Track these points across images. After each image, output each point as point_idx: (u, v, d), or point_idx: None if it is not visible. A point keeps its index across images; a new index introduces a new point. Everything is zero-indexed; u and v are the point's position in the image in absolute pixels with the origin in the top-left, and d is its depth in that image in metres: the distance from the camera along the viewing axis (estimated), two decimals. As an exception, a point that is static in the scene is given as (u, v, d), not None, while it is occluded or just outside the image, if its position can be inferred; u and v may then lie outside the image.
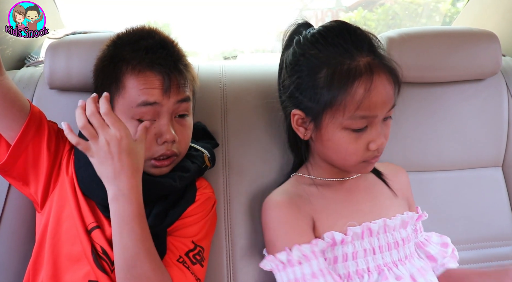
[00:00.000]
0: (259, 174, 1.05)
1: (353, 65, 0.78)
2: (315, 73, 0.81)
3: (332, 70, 0.79)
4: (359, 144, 0.81)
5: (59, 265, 0.83)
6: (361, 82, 0.77)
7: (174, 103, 0.85)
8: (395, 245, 0.88)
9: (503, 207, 1.14)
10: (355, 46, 0.80)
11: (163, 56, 0.85)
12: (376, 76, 0.78)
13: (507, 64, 1.22)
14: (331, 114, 0.80)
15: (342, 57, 0.79)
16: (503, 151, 1.16)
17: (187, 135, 0.90)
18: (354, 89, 0.77)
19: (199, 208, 0.91)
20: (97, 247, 0.82)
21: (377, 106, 0.79)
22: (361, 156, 0.82)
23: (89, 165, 0.84)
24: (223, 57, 1.78)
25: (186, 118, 0.89)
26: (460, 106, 1.15)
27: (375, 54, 0.81)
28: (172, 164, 0.89)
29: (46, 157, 0.87)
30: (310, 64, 0.82)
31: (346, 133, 0.81)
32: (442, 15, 2.41)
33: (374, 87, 0.78)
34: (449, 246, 0.97)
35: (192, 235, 0.88)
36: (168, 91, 0.84)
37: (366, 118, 0.79)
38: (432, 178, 1.13)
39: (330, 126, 0.82)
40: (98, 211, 0.86)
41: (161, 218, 0.85)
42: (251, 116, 1.08)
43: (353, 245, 0.85)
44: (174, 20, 2.47)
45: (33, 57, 1.26)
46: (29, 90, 1.08)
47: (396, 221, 0.88)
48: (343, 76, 0.78)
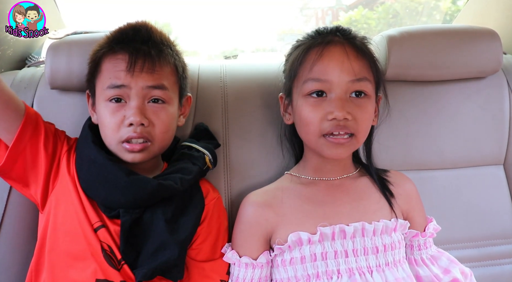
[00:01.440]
0: (260, 173, 1.05)
1: (316, 40, 0.87)
2: (289, 54, 0.93)
3: (298, 46, 0.90)
4: (317, 112, 0.84)
5: (62, 264, 0.83)
6: (315, 49, 0.86)
7: (143, 87, 0.85)
8: (373, 250, 0.86)
9: (504, 205, 1.14)
10: (326, 29, 0.90)
11: (136, 40, 0.87)
12: (332, 45, 0.85)
13: (508, 62, 1.22)
14: (295, 85, 0.88)
15: (314, 38, 0.89)
16: (505, 149, 1.15)
17: (162, 122, 0.87)
18: (307, 55, 0.86)
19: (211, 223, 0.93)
20: (104, 246, 0.82)
21: (329, 71, 0.84)
22: (318, 125, 0.84)
23: (92, 164, 0.85)
24: (223, 56, 1.79)
25: (162, 105, 0.87)
26: (461, 105, 1.15)
27: (345, 36, 0.87)
28: (146, 152, 0.87)
29: (43, 157, 0.87)
30: (292, 51, 0.93)
31: (305, 100, 0.86)
32: (443, 14, 2.41)
33: (326, 52, 0.85)
34: (450, 274, 0.91)
35: (220, 249, 0.92)
36: (131, 72, 0.84)
37: (320, 82, 0.84)
38: (433, 176, 1.13)
39: (296, 97, 0.88)
40: (100, 211, 0.86)
41: (172, 226, 0.85)
42: (252, 115, 1.08)
43: (322, 245, 0.85)
44: (174, 20, 2.48)
45: (34, 58, 1.26)
46: (30, 91, 1.08)
47: (377, 226, 0.87)
48: (303, 46, 0.89)
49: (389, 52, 1.06)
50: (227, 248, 0.91)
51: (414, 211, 0.95)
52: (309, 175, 0.94)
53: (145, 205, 0.85)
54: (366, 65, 0.86)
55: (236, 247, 0.90)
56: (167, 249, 0.82)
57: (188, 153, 0.95)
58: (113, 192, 0.84)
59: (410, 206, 0.95)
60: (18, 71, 1.15)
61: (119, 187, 0.83)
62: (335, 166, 0.93)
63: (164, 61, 0.88)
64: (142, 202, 0.85)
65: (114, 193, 0.84)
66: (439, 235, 1.01)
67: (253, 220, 0.89)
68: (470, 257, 1.09)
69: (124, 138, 0.85)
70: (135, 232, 0.84)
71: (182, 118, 0.96)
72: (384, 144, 1.02)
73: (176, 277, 0.84)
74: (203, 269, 0.89)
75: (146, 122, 0.85)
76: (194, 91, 1.10)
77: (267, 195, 0.92)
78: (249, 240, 0.89)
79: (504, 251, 1.12)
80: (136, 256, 0.83)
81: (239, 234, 0.91)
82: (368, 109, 0.86)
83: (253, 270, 0.88)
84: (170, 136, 0.91)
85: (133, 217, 0.83)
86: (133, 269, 0.82)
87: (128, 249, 0.82)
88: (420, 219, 0.96)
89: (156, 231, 0.84)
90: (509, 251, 1.12)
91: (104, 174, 0.85)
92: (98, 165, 0.85)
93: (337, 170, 0.93)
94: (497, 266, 1.11)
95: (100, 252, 0.82)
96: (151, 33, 0.89)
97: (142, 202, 0.85)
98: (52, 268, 0.83)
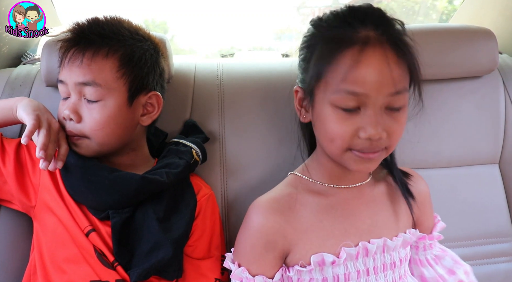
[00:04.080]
0: (257, 171, 1.05)
1: (348, 35, 0.71)
2: (314, 44, 0.76)
3: (326, 40, 0.73)
4: (347, 126, 0.72)
5: (55, 268, 0.82)
6: (349, 52, 0.70)
7: (75, 84, 0.83)
8: (391, 265, 0.82)
9: (500, 204, 1.14)
10: (358, 19, 0.72)
11: (83, 33, 0.85)
12: (370, 48, 0.70)
13: (504, 62, 1.23)
14: (321, 87, 0.73)
15: (344, 29, 0.72)
16: (500, 148, 1.16)
17: (93, 119, 0.83)
18: (340, 58, 0.70)
19: (205, 219, 0.92)
20: (97, 249, 0.82)
21: (367, 82, 0.69)
22: (347, 141, 0.72)
23: (75, 169, 0.84)
24: (220, 55, 1.79)
25: (95, 103, 0.84)
26: (457, 104, 1.15)
27: (383, 30, 0.72)
28: (84, 148, 0.85)
29: (10, 178, 0.87)
30: (313, 37, 0.77)
31: (335, 112, 0.72)
32: (439, 13, 2.42)
33: (365, 59, 0.69)
34: (455, 276, 0.89)
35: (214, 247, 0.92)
36: (64, 67, 0.84)
37: (355, 95, 0.70)
38: (429, 175, 1.12)
39: (321, 102, 0.74)
40: (90, 215, 0.85)
41: (165, 225, 0.85)
42: (249, 113, 1.08)
43: (345, 266, 0.78)
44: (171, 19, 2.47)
45: (30, 55, 1.26)
46: (26, 88, 1.07)
47: (397, 241, 0.81)
48: (333, 45, 0.72)
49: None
50: (230, 261, 0.81)
51: (425, 215, 0.90)
52: (323, 181, 0.83)
53: (133, 202, 0.85)
54: (406, 70, 0.73)
55: (246, 263, 0.79)
56: (161, 248, 0.81)
57: (175, 149, 0.95)
58: (99, 193, 0.83)
59: (423, 210, 0.89)
60: (14, 69, 1.15)
61: (104, 186, 0.83)
62: (355, 173, 0.83)
63: (100, 55, 0.83)
64: (129, 199, 0.84)
65: (100, 193, 0.83)
66: (435, 234, 1.01)
67: (269, 235, 0.78)
68: (465, 255, 1.09)
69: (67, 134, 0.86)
70: (127, 232, 0.83)
71: (146, 118, 0.90)
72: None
73: (173, 276, 0.84)
74: (198, 266, 0.88)
75: (75, 118, 0.83)
76: (190, 90, 1.10)
77: (279, 204, 0.80)
78: (264, 257, 0.78)
79: (499, 249, 1.13)
80: (130, 257, 0.82)
81: (249, 249, 0.79)
82: (403, 119, 0.75)
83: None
84: (109, 134, 0.85)
85: (123, 217, 0.83)
86: (127, 270, 0.81)
87: (122, 251, 0.82)
88: (428, 222, 0.92)
89: (149, 231, 0.83)
90: (503, 250, 1.13)
91: (87, 176, 0.84)
92: (80, 168, 0.85)
93: (356, 177, 0.84)
94: (492, 264, 1.12)
95: (94, 254, 0.81)
96: (105, 26, 0.86)
97: (129, 199, 0.84)
98: (46, 272, 0.83)
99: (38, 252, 0.85)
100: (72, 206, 0.85)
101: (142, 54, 0.88)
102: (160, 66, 0.93)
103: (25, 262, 0.90)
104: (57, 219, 0.85)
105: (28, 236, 0.94)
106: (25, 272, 0.88)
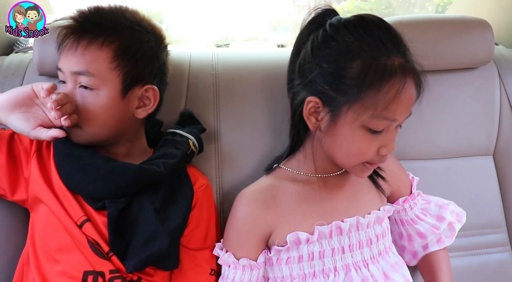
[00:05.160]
0: (252, 162, 1.05)
1: (389, 63, 0.74)
2: (346, 62, 0.75)
3: (367, 63, 0.74)
4: (372, 146, 0.78)
5: (48, 258, 0.82)
6: (395, 83, 0.74)
7: (70, 72, 0.83)
8: (367, 242, 0.87)
9: (493, 195, 1.15)
10: (393, 44, 0.76)
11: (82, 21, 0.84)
12: (408, 79, 0.75)
13: (500, 53, 1.22)
14: (354, 109, 0.75)
15: (379, 52, 0.74)
16: (494, 140, 1.16)
17: (85, 108, 0.82)
18: (387, 88, 0.73)
19: (201, 210, 0.92)
20: (90, 239, 0.82)
21: (402, 110, 0.76)
22: (369, 157, 0.79)
23: (69, 158, 0.84)
24: (215, 45, 1.77)
25: (89, 91, 0.83)
26: (452, 95, 1.15)
27: (406, 58, 0.77)
28: (76, 135, 0.85)
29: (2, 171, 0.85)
30: (342, 51, 0.76)
31: (362, 132, 0.77)
32: (435, 5, 2.42)
33: (405, 90, 0.74)
34: (445, 221, 0.97)
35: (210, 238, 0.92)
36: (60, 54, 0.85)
37: (388, 120, 0.76)
38: (423, 167, 1.13)
39: (349, 122, 0.76)
40: (86, 205, 0.84)
41: (162, 215, 0.84)
42: (244, 103, 1.08)
43: (320, 244, 0.84)
44: (166, 9, 2.45)
45: (22, 43, 1.24)
46: (18, 77, 1.06)
47: (370, 218, 0.87)
48: (378, 72, 0.73)
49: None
50: (219, 249, 0.89)
51: (399, 181, 0.97)
52: (307, 171, 0.89)
53: (130, 192, 0.84)
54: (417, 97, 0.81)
55: (232, 249, 0.86)
56: (158, 239, 0.81)
57: (172, 139, 0.94)
58: (95, 182, 0.83)
59: (396, 179, 0.96)
60: (6, 57, 1.13)
61: (100, 176, 0.82)
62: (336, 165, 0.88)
63: (95, 45, 0.82)
64: (126, 189, 0.83)
65: (96, 183, 0.82)
66: (428, 224, 1.02)
67: (251, 221, 0.85)
68: (459, 246, 1.10)
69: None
70: (124, 223, 0.83)
71: (141, 111, 0.89)
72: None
73: (169, 266, 0.84)
74: (194, 257, 0.88)
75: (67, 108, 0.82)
76: (185, 79, 1.09)
77: (263, 194, 0.87)
78: (247, 241, 0.86)
79: (492, 240, 1.14)
80: (126, 247, 0.82)
81: (235, 236, 0.87)
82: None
83: (251, 271, 0.86)
84: (99, 125, 0.84)
85: (119, 207, 0.82)
86: (122, 260, 0.81)
87: (117, 240, 0.81)
88: (405, 183, 0.99)
89: (146, 221, 0.83)
90: (496, 240, 1.14)
91: (83, 165, 0.83)
92: (75, 157, 0.84)
93: (336, 167, 0.89)
94: (484, 255, 1.13)
95: (87, 244, 0.81)
96: (104, 15, 0.85)
97: (125, 189, 0.83)
98: (38, 262, 0.82)
99: (31, 242, 0.85)
100: (66, 196, 0.84)
101: (140, 46, 0.86)
102: (159, 60, 0.91)
103: (19, 253, 0.89)
104: (49, 210, 0.84)
105: (23, 226, 0.93)
106: (18, 262, 0.87)
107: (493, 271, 1.12)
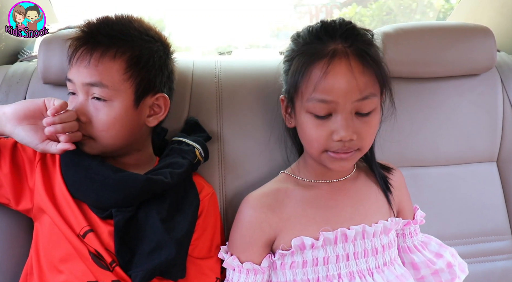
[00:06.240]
0: (255, 169, 1.05)
1: (320, 49, 0.80)
2: (291, 59, 0.85)
3: (300, 54, 0.82)
4: (322, 131, 0.81)
5: (51, 268, 0.82)
6: (320, 65, 0.79)
7: (83, 84, 0.83)
8: (373, 251, 0.87)
9: (497, 202, 1.15)
10: (328, 34, 0.81)
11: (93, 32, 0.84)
12: (336, 60, 0.78)
13: (502, 60, 1.23)
14: (298, 97, 0.83)
15: (315, 45, 0.81)
16: (498, 146, 1.16)
17: (99, 120, 0.83)
18: (312, 70, 0.79)
19: (207, 218, 0.92)
20: (91, 249, 0.81)
21: (335, 91, 0.78)
22: (323, 144, 0.81)
23: (78, 167, 0.83)
24: (217, 52, 1.78)
25: (102, 103, 0.83)
26: (455, 102, 1.15)
27: (351, 42, 0.80)
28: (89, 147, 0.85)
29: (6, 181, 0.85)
30: (291, 52, 0.86)
31: (309, 119, 0.82)
32: (436, 11, 2.42)
33: (332, 70, 0.78)
34: (442, 258, 0.95)
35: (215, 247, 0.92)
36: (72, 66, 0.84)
37: (325, 103, 0.79)
38: (427, 173, 1.13)
39: (298, 111, 0.84)
40: (92, 214, 0.84)
41: (168, 225, 0.84)
42: (247, 111, 1.08)
43: (325, 250, 0.85)
44: (168, 16, 2.46)
45: (27, 52, 1.25)
46: (23, 86, 1.06)
47: (377, 228, 0.87)
48: (307, 60, 0.81)
49: (384, 49, 1.06)
50: (224, 252, 0.89)
51: (404, 201, 0.97)
52: (310, 177, 0.91)
53: (137, 202, 0.84)
54: (372, 77, 0.80)
55: (237, 252, 0.87)
56: (164, 248, 0.81)
57: (178, 148, 0.94)
58: (102, 192, 0.82)
59: (401, 197, 0.96)
60: (11, 66, 1.14)
61: (108, 186, 0.82)
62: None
63: (107, 57, 0.83)
64: (133, 199, 0.83)
65: (104, 192, 0.82)
66: (432, 231, 1.01)
67: (256, 225, 0.86)
68: (463, 253, 1.09)
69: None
70: (130, 232, 0.82)
71: (152, 119, 0.90)
72: (378, 141, 1.02)
73: (176, 276, 0.83)
74: (200, 266, 0.88)
75: (82, 118, 0.83)
76: (188, 87, 1.09)
77: (268, 198, 0.89)
78: (252, 245, 0.87)
79: (496, 247, 1.13)
80: (131, 257, 0.82)
81: (240, 239, 0.88)
82: (374, 122, 0.83)
83: (254, 275, 0.86)
84: (113, 136, 0.85)
85: (126, 216, 0.82)
86: (127, 270, 0.81)
87: (123, 249, 0.81)
88: (409, 207, 0.98)
89: (152, 231, 0.83)
90: (501, 248, 1.13)
91: (90, 175, 0.83)
92: (83, 167, 0.84)
93: (339, 173, 0.91)
94: (489, 262, 1.12)
95: (88, 255, 0.80)
96: (114, 26, 0.86)
97: (133, 199, 0.83)
98: (42, 272, 0.82)
99: (35, 252, 0.84)
100: (70, 205, 0.84)
101: (150, 56, 0.87)
102: (168, 68, 0.92)
103: (23, 262, 0.89)
104: (51, 220, 0.84)
105: (26, 236, 0.93)
106: (22, 272, 0.87)
107: (498, 278, 1.11)
